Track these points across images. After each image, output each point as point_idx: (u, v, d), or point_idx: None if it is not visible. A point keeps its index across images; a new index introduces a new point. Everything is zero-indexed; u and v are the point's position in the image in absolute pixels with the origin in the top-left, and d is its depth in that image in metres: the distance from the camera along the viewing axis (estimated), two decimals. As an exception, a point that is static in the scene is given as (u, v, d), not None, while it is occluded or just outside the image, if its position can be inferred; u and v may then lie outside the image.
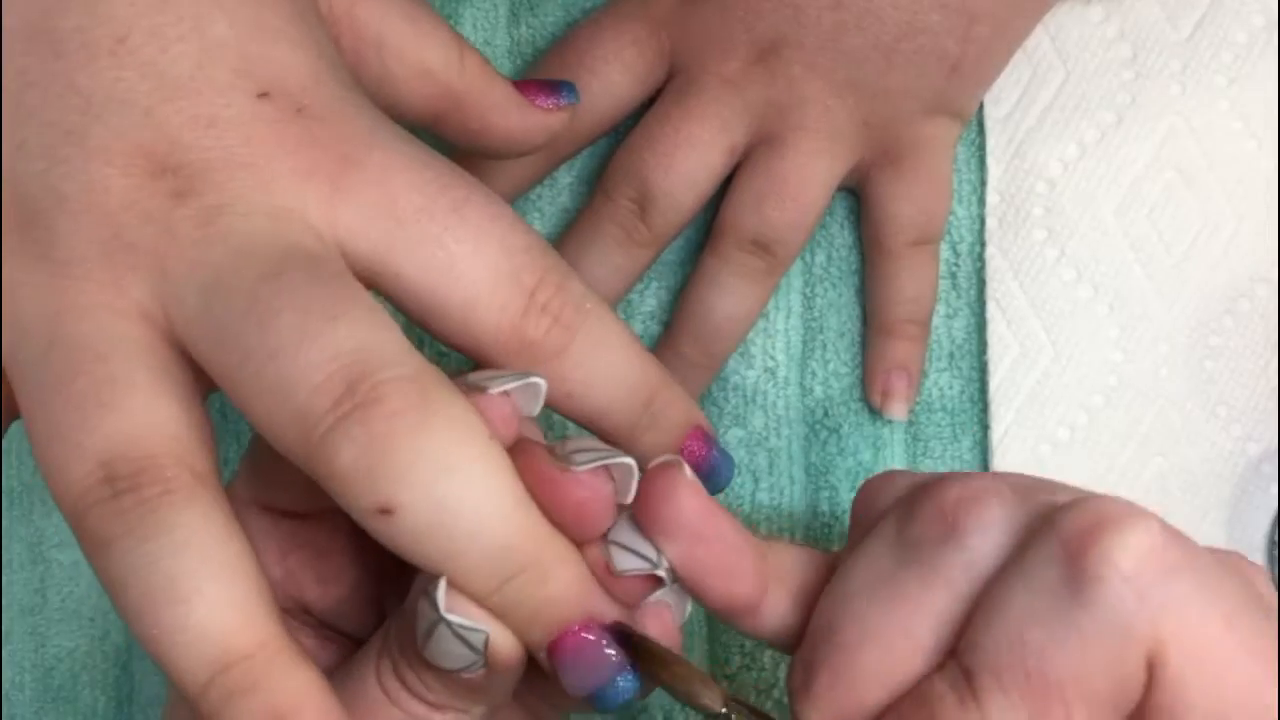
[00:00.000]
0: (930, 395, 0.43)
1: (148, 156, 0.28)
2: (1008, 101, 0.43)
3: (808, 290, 0.43)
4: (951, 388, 0.43)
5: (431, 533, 0.26)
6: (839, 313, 0.43)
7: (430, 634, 0.27)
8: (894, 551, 0.28)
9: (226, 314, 0.27)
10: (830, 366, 0.43)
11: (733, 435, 0.43)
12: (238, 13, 0.29)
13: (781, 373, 0.43)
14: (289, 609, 0.32)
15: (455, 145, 0.35)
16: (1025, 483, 0.29)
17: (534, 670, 0.28)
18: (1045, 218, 0.42)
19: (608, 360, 0.31)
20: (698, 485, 0.29)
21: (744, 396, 0.43)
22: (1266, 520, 0.42)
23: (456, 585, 0.26)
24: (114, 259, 0.28)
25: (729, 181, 0.40)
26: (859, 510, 0.32)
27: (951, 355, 0.43)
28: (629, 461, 0.28)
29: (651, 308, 0.43)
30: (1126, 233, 0.42)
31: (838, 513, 0.42)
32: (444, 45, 0.33)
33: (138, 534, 0.26)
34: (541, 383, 0.29)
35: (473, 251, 0.29)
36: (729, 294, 0.40)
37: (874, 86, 0.39)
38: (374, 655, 0.29)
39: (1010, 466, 0.42)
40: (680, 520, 0.28)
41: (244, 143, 0.28)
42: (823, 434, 0.43)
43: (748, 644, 0.42)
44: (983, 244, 0.42)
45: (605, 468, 0.28)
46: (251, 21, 0.29)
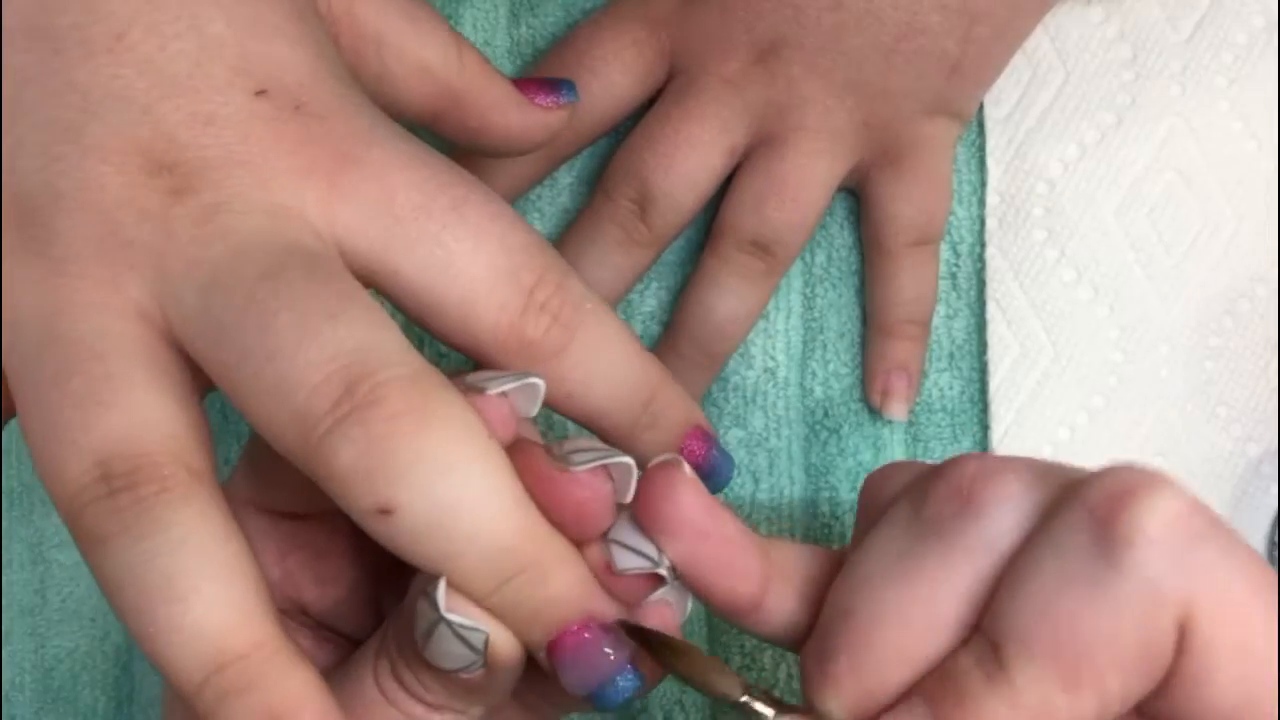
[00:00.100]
0: (930, 395, 0.43)
1: (145, 154, 0.28)
2: (1008, 102, 0.43)
3: (808, 290, 0.43)
4: (951, 388, 0.43)
5: (431, 533, 0.26)
6: (839, 313, 0.43)
7: (430, 634, 0.27)
8: (909, 532, 0.28)
9: (224, 313, 0.27)
10: (830, 367, 0.43)
11: (733, 435, 0.43)
12: (236, 10, 0.29)
13: (781, 373, 0.43)
14: (286, 610, 0.32)
15: (455, 144, 0.35)
16: (1043, 464, 0.28)
17: (534, 669, 0.28)
18: (1045, 218, 0.42)
19: (607, 360, 0.30)
20: (698, 483, 0.29)
21: (744, 397, 0.43)
22: (1266, 520, 0.42)
23: (456, 586, 0.26)
24: (111, 257, 0.28)
25: (729, 182, 0.40)
26: (866, 501, 0.32)
27: (951, 355, 0.43)
28: (628, 461, 0.28)
29: (651, 308, 0.43)
30: (1126, 233, 0.42)
31: (838, 513, 0.42)
32: (443, 43, 0.33)
33: (134, 532, 0.26)
34: (540, 383, 0.29)
35: (471, 250, 0.29)
36: (729, 294, 0.40)
37: (874, 87, 0.39)
38: (371, 656, 0.29)
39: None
40: (681, 518, 0.28)
41: (242, 140, 0.28)
42: (823, 434, 0.43)
43: (748, 644, 0.42)
44: (983, 244, 0.42)
45: (604, 467, 0.28)
46: (249, 19, 0.29)
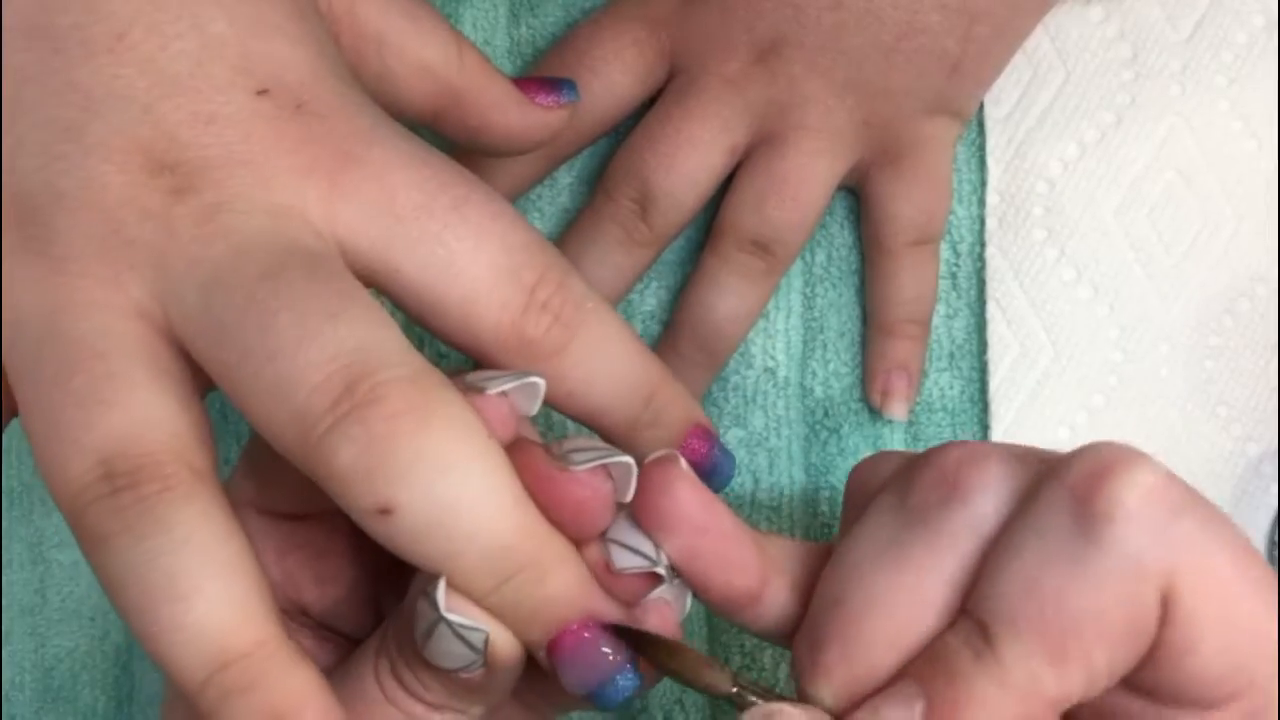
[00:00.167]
0: (930, 395, 0.43)
1: (146, 153, 0.28)
2: (1008, 101, 0.43)
3: (808, 290, 0.43)
4: (951, 388, 0.43)
5: (431, 533, 0.26)
6: (839, 312, 0.43)
7: (430, 634, 0.27)
8: (896, 520, 0.28)
9: (225, 312, 0.27)
10: (830, 366, 0.43)
11: (733, 435, 0.43)
12: (237, 10, 0.29)
13: (781, 373, 0.43)
14: (286, 610, 0.32)
15: (455, 143, 0.35)
16: (1026, 449, 0.29)
17: (533, 668, 0.28)
18: (1045, 218, 0.42)
19: (608, 358, 0.30)
20: (694, 478, 0.29)
21: (744, 396, 0.43)
22: (1266, 520, 0.42)
23: (455, 585, 0.26)
24: (112, 256, 0.28)
25: (729, 181, 0.40)
26: (853, 490, 0.32)
27: (951, 355, 0.43)
28: (627, 460, 0.28)
29: (651, 308, 0.43)
30: (1126, 233, 0.42)
31: (838, 513, 0.42)
32: (444, 42, 0.33)
33: (136, 531, 0.26)
34: (540, 382, 0.29)
35: (472, 249, 0.29)
36: (729, 294, 0.40)
37: (874, 86, 0.39)
38: (371, 655, 0.29)
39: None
40: (678, 513, 0.28)
41: (243, 140, 0.28)
42: (823, 434, 0.43)
43: (748, 644, 0.42)
44: (983, 244, 0.42)
45: (604, 466, 0.28)
46: (251, 18, 0.29)
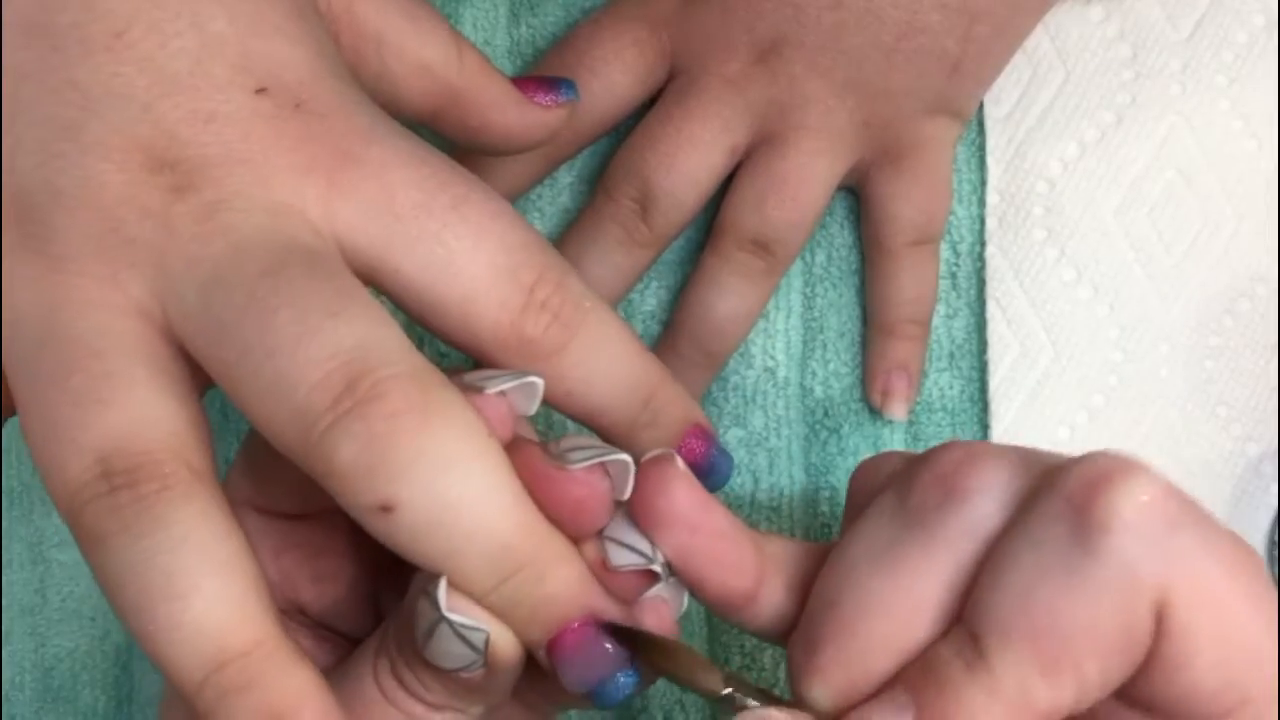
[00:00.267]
0: (930, 395, 0.43)
1: (145, 152, 0.28)
2: (1008, 101, 0.43)
3: (808, 290, 0.43)
4: (951, 388, 0.43)
5: (431, 530, 0.26)
6: (839, 312, 0.43)
7: (430, 633, 0.27)
8: (894, 522, 0.28)
9: (225, 310, 0.27)
10: (830, 366, 0.43)
11: (733, 435, 0.43)
12: (236, 8, 0.29)
13: (781, 373, 0.43)
14: (285, 610, 0.32)
15: (454, 142, 0.35)
16: (1026, 451, 0.29)
17: (533, 667, 0.28)
18: (1045, 217, 0.42)
19: (607, 358, 0.30)
20: (690, 477, 0.29)
21: (744, 396, 0.43)
22: (1266, 520, 0.42)
23: (456, 583, 0.26)
24: (111, 254, 0.28)
25: (729, 181, 0.40)
26: (854, 490, 0.32)
27: (951, 355, 0.43)
28: (625, 458, 0.28)
29: (651, 307, 0.43)
30: (1127, 233, 0.42)
31: (838, 513, 0.42)
32: (443, 42, 0.33)
33: (134, 530, 0.26)
34: (539, 382, 0.29)
35: (471, 248, 0.29)
36: (729, 294, 0.40)
37: (875, 86, 0.39)
38: (371, 655, 0.29)
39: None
40: (674, 512, 0.28)
41: (242, 138, 0.28)
42: (823, 434, 0.43)
43: (748, 644, 0.42)
44: (983, 244, 0.42)
45: (601, 465, 0.28)
46: (250, 17, 0.29)
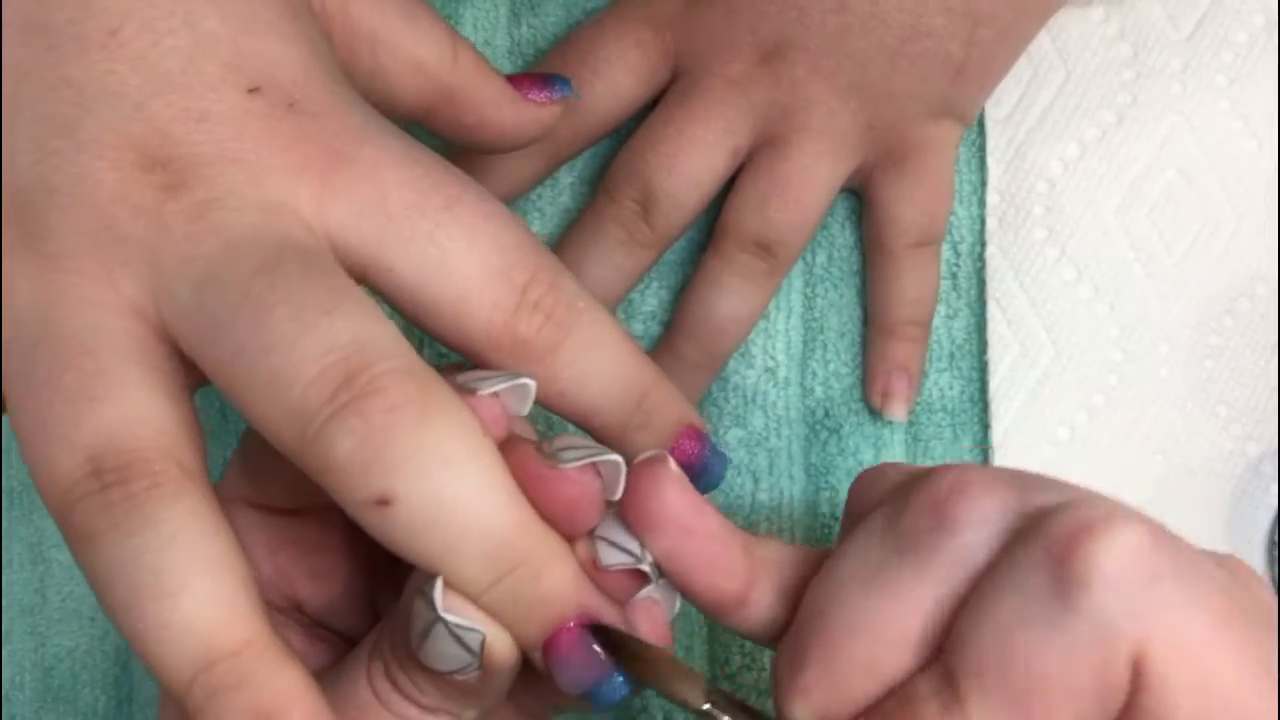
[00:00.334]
0: (930, 395, 0.43)
1: (138, 150, 0.28)
2: (1008, 101, 0.42)
3: (809, 291, 0.43)
4: (952, 388, 0.43)
5: (428, 526, 0.26)
6: (840, 313, 0.43)
7: (426, 634, 0.27)
8: (886, 542, 0.28)
9: (219, 308, 0.27)
10: (831, 367, 0.43)
11: (733, 435, 0.43)
12: (229, 8, 0.29)
13: (782, 373, 0.43)
14: (282, 607, 0.32)
15: (450, 141, 0.35)
16: (1022, 478, 0.28)
17: (528, 670, 0.28)
18: (1046, 217, 0.42)
19: (600, 358, 0.30)
20: (683, 479, 0.29)
21: (744, 397, 0.43)
22: (1266, 520, 0.42)
23: (452, 580, 0.26)
24: (105, 253, 0.28)
25: (731, 182, 0.40)
26: (853, 502, 0.32)
27: (952, 355, 0.43)
28: (616, 459, 0.28)
29: (652, 308, 0.43)
30: (1127, 232, 0.42)
31: (838, 513, 0.42)
32: (437, 40, 0.33)
33: (123, 528, 0.26)
34: (531, 384, 0.29)
35: (464, 248, 0.29)
36: (730, 295, 0.40)
37: (878, 89, 0.39)
38: (365, 657, 0.29)
39: (1011, 466, 0.42)
40: (665, 514, 0.28)
41: (235, 138, 0.28)
42: (823, 434, 0.43)
43: (748, 644, 0.42)
44: (983, 244, 0.42)
45: (593, 465, 0.28)
46: (243, 16, 0.29)
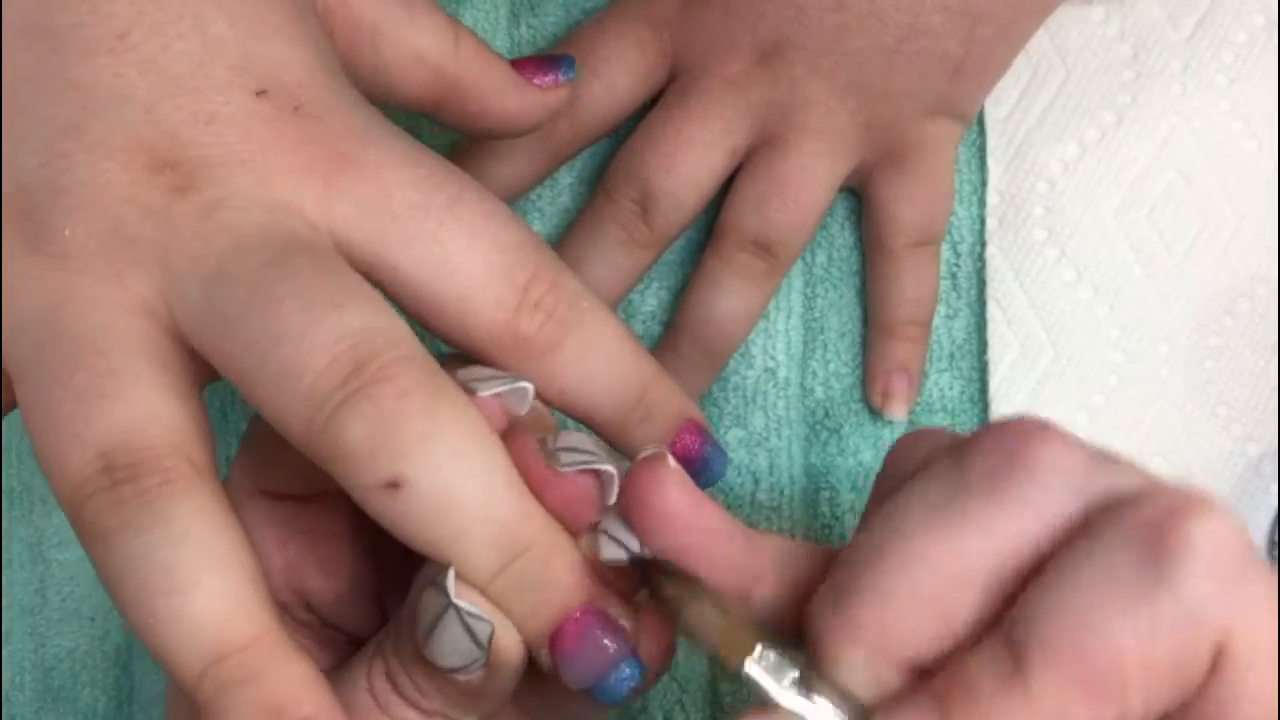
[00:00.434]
0: (930, 395, 0.43)
1: (147, 152, 0.28)
2: (1008, 102, 0.43)
3: (808, 291, 0.43)
4: (952, 388, 0.43)
5: (438, 509, 0.26)
6: (840, 313, 0.43)
7: (435, 625, 0.27)
8: (952, 485, 0.26)
9: (230, 302, 0.27)
10: (831, 367, 0.43)
11: (733, 435, 0.43)
12: (236, 12, 0.29)
13: (782, 373, 0.43)
14: (290, 602, 0.32)
15: (456, 129, 0.35)
16: (1096, 448, 0.27)
17: (531, 672, 0.28)
18: (1045, 218, 0.42)
19: (602, 356, 0.31)
20: (682, 475, 0.28)
21: (744, 397, 0.43)
22: (1266, 520, 0.42)
23: (461, 566, 0.27)
24: (115, 253, 0.28)
25: (730, 182, 0.40)
26: (890, 466, 0.30)
27: (952, 355, 0.43)
28: (611, 470, 0.28)
29: (652, 308, 0.43)
30: (1127, 233, 0.42)
31: (838, 513, 0.42)
32: (438, 30, 0.33)
33: (135, 525, 0.26)
34: (529, 387, 0.29)
35: (467, 247, 0.29)
36: (730, 295, 0.40)
37: (876, 88, 0.39)
38: (366, 661, 0.29)
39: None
40: (665, 511, 0.28)
41: (243, 139, 0.28)
42: (823, 434, 0.43)
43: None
44: (983, 244, 0.43)
45: (590, 471, 0.28)
46: (250, 20, 0.29)
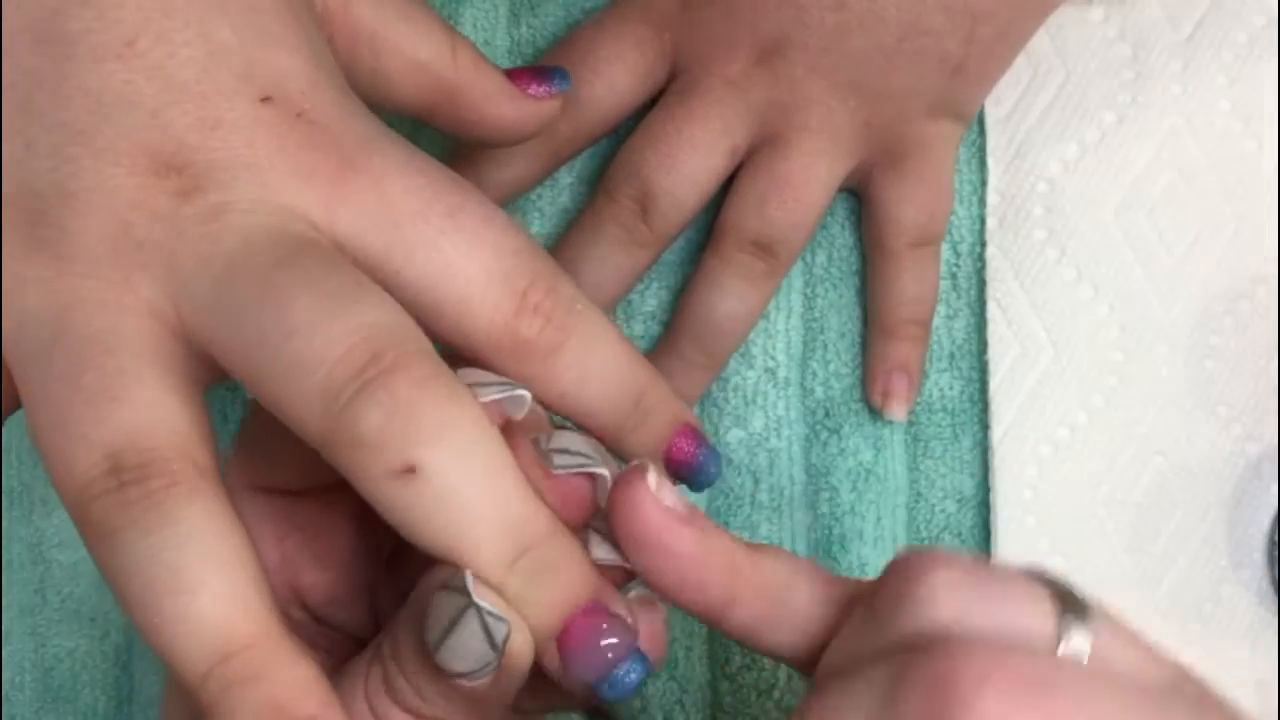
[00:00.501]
0: (930, 395, 0.43)
1: (153, 156, 0.28)
2: (1008, 102, 0.43)
3: (809, 291, 0.43)
4: (952, 388, 0.43)
5: (453, 496, 0.26)
6: (840, 313, 0.43)
7: (452, 628, 0.27)
8: None
9: (242, 298, 0.27)
10: (831, 367, 0.43)
11: (733, 436, 0.43)
12: (241, 19, 0.29)
13: (782, 373, 0.43)
14: (284, 599, 0.32)
15: (452, 136, 0.35)
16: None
17: (533, 675, 0.28)
18: (1046, 218, 0.42)
19: (598, 360, 0.31)
20: (659, 497, 0.28)
21: (744, 397, 0.43)
22: (1266, 520, 0.42)
23: (473, 558, 0.27)
24: (123, 257, 0.28)
25: (730, 181, 0.40)
26: (837, 651, 0.29)
27: (952, 355, 0.43)
28: (604, 473, 0.29)
29: (652, 308, 0.43)
30: (1127, 233, 0.42)
31: (838, 513, 0.42)
32: (437, 39, 0.34)
33: (141, 526, 0.26)
34: (526, 395, 0.29)
35: (466, 254, 0.30)
36: (730, 294, 0.40)
37: (876, 87, 0.39)
38: (363, 670, 0.29)
39: (1010, 466, 0.42)
40: (637, 533, 0.28)
41: (248, 145, 0.29)
42: (823, 434, 0.43)
43: (748, 644, 0.42)
44: (983, 244, 0.43)
45: (584, 474, 0.29)
46: (254, 27, 0.29)
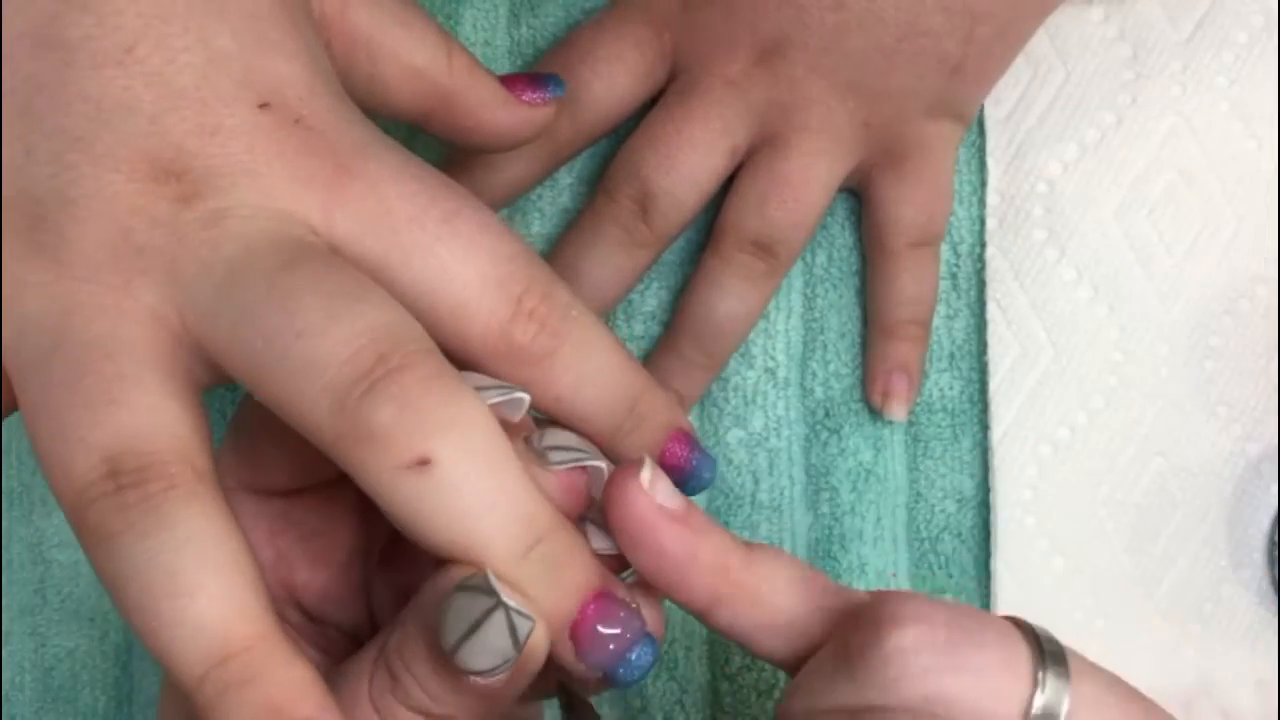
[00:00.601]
0: (930, 396, 0.43)
1: (152, 162, 0.28)
2: (1008, 102, 0.43)
3: (808, 291, 0.43)
4: (952, 388, 0.43)
5: (467, 487, 0.27)
6: (840, 313, 0.43)
7: (477, 627, 0.27)
8: None
9: (247, 300, 0.28)
10: (831, 367, 0.43)
11: (733, 436, 0.43)
12: (239, 26, 0.29)
13: (782, 373, 0.43)
14: (278, 598, 0.32)
15: (448, 141, 0.36)
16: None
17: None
18: (1045, 218, 0.42)
19: (593, 366, 0.31)
20: (652, 495, 0.29)
21: (744, 397, 0.43)
22: (1266, 520, 0.42)
23: (486, 550, 0.27)
24: (124, 263, 0.28)
25: (730, 181, 0.40)
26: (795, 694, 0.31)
27: (952, 356, 0.43)
28: (601, 466, 0.29)
29: (652, 308, 0.43)
30: (1127, 233, 0.42)
31: (838, 514, 0.42)
32: (433, 45, 0.34)
33: (139, 529, 0.26)
34: (525, 397, 0.29)
35: (462, 260, 0.30)
36: (730, 295, 0.40)
37: (876, 88, 0.39)
38: (367, 668, 0.29)
39: (1010, 466, 0.42)
40: (629, 529, 0.29)
41: (246, 151, 0.29)
42: (823, 434, 0.43)
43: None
44: (983, 244, 0.43)
45: (580, 468, 0.29)
46: (253, 34, 0.30)
